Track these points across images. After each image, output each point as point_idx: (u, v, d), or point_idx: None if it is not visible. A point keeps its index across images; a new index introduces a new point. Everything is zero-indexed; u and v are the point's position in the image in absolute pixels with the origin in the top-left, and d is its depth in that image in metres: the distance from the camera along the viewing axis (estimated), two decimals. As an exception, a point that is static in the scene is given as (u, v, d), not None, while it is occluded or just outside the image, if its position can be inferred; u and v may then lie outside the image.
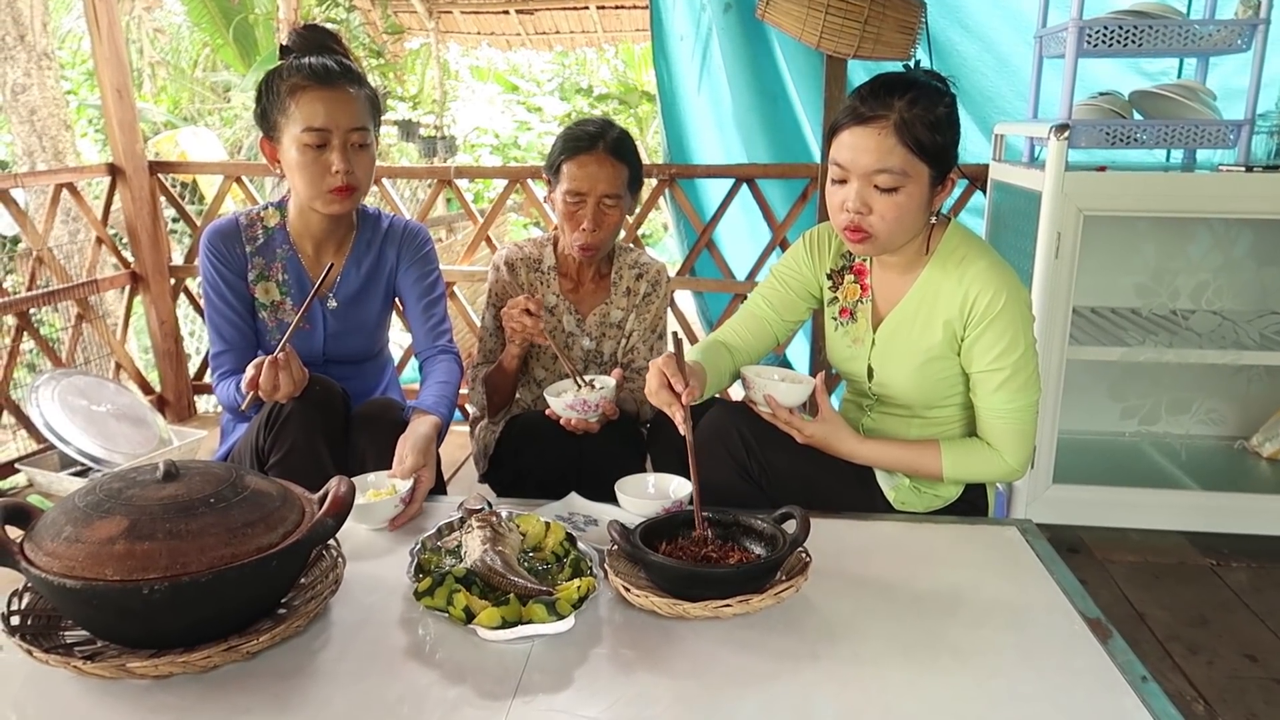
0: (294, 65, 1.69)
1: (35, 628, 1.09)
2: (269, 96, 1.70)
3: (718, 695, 1.02)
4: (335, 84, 1.68)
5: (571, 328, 2.04)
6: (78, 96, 9.02)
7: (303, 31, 1.76)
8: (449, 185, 3.32)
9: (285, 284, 1.84)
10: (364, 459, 1.67)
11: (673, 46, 3.40)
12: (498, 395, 1.99)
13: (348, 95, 1.69)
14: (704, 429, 1.62)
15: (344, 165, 1.68)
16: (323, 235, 1.84)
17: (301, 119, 1.66)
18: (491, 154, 10.93)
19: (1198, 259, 2.78)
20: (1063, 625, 1.17)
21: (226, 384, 1.78)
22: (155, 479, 1.09)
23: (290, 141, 1.68)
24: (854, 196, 1.43)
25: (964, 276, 1.49)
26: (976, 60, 3.10)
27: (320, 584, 1.19)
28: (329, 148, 1.68)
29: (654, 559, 1.18)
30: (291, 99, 1.67)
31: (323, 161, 1.68)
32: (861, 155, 1.41)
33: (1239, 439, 2.87)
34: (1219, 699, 1.76)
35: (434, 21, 7.08)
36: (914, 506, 1.61)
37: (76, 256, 3.29)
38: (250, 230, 1.83)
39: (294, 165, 1.69)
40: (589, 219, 1.89)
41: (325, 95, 1.67)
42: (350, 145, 1.70)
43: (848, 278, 1.66)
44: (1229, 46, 2.32)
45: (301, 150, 1.67)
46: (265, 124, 1.73)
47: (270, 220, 1.84)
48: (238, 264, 1.81)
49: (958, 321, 1.51)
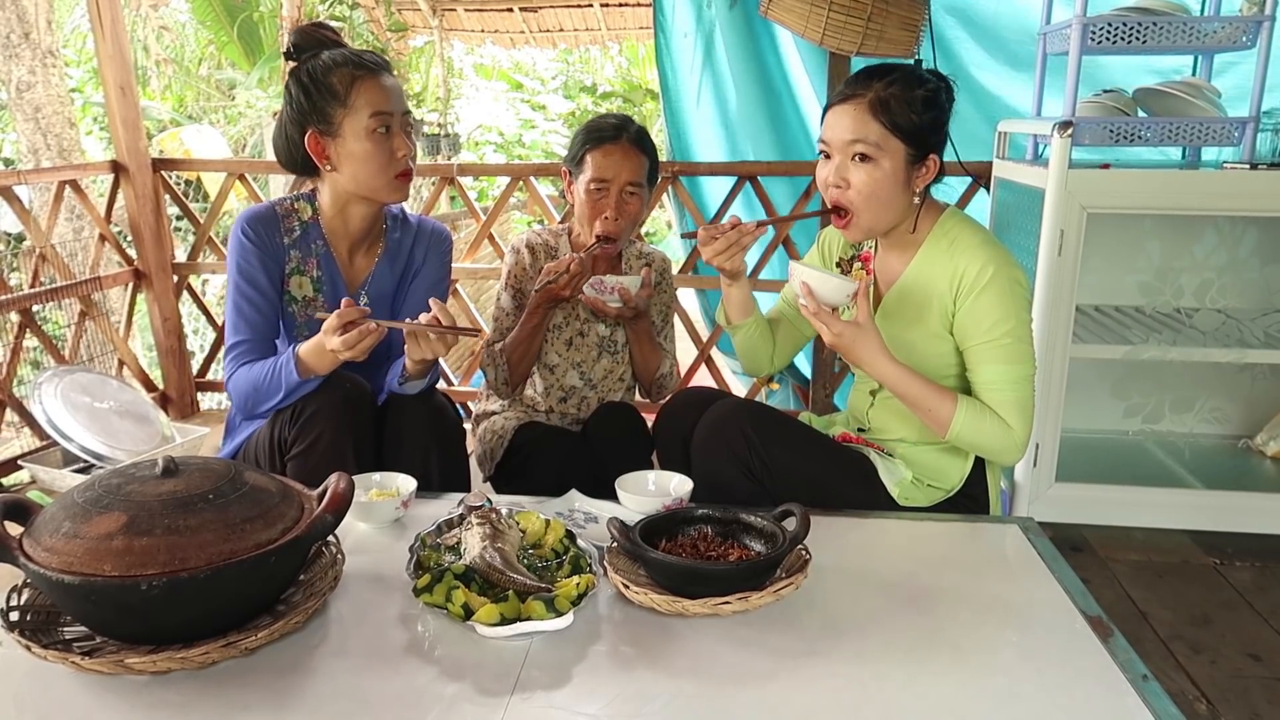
0: (338, 58, 1.70)
1: (34, 623, 1.09)
2: (319, 93, 1.68)
3: (717, 693, 1.02)
4: (384, 71, 1.72)
5: (587, 314, 2.06)
6: (82, 94, 9.04)
7: (310, 30, 1.76)
8: (452, 183, 3.32)
9: (319, 281, 1.81)
10: (404, 441, 1.71)
11: (676, 44, 3.40)
12: (524, 362, 2.00)
13: (394, 80, 1.73)
14: (705, 426, 1.62)
15: (408, 146, 1.72)
16: (359, 234, 1.82)
17: (368, 105, 1.67)
18: (495, 152, 10.93)
19: (1202, 257, 2.77)
20: (1064, 624, 1.17)
21: (246, 368, 1.72)
22: (154, 475, 1.09)
23: (356, 131, 1.68)
24: (834, 170, 1.54)
25: (954, 253, 1.53)
26: (980, 57, 3.10)
27: (319, 580, 1.19)
28: (392, 132, 1.70)
29: (653, 556, 1.18)
30: (351, 90, 1.67)
31: (389, 146, 1.70)
32: (840, 130, 1.51)
33: (1243, 438, 2.86)
34: (1221, 698, 1.76)
35: (438, 19, 7.08)
36: (917, 501, 1.60)
37: (80, 254, 3.29)
38: (287, 221, 1.79)
39: (360, 155, 1.69)
40: (612, 207, 1.92)
41: (383, 80, 1.70)
42: (406, 129, 1.73)
43: (855, 265, 1.73)
44: (1234, 44, 2.31)
45: (370, 137, 1.68)
46: (320, 120, 1.69)
47: (304, 214, 1.81)
48: (278, 252, 1.77)
49: (948, 295, 1.53)
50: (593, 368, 2.07)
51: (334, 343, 1.53)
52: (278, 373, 1.64)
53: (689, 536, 1.30)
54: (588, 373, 2.06)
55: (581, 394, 2.07)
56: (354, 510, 1.34)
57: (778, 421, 1.62)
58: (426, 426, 1.75)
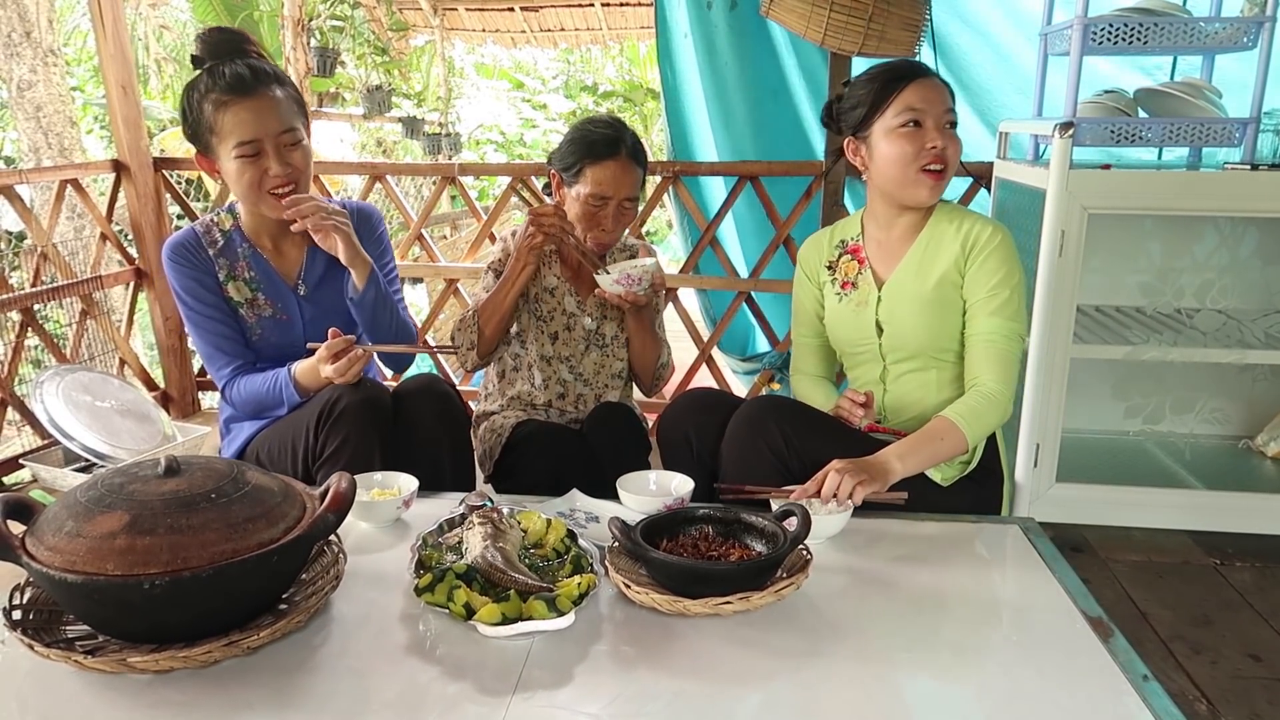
0: (210, 80, 1.69)
1: (37, 622, 1.09)
2: (194, 115, 1.71)
3: (718, 692, 1.02)
4: (256, 92, 1.69)
5: (572, 309, 2.07)
6: (83, 93, 9.04)
7: (211, 37, 1.73)
8: (453, 182, 3.32)
9: (253, 280, 1.85)
10: (416, 430, 1.74)
11: (677, 44, 3.40)
12: (492, 325, 1.96)
13: (271, 100, 1.70)
14: (740, 422, 1.67)
15: (280, 169, 1.72)
16: (278, 229, 1.86)
17: (232, 134, 1.68)
18: (496, 151, 10.93)
19: (1202, 258, 2.77)
20: (1065, 624, 1.17)
21: (244, 381, 1.80)
22: (157, 474, 1.09)
23: (226, 156, 1.71)
24: (938, 135, 1.66)
25: (962, 224, 1.72)
26: (981, 57, 3.10)
27: (321, 579, 1.19)
28: (263, 155, 1.71)
29: (655, 556, 1.18)
30: (217, 115, 1.68)
31: (260, 168, 1.71)
32: (936, 102, 1.67)
33: (1243, 438, 2.86)
34: (1222, 699, 1.76)
35: (439, 18, 7.08)
36: (950, 477, 1.68)
37: (81, 253, 3.29)
38: (208, 236, 1.84)
39: (233, 177, 1.73)
40: (610, 219, 1.96)
41: (249, 105, 1.68)
42: (282, 147, 1.72)
43: (844, 259, 1.84)
44: (1235, 44, 2.31)
45: (238, 163, 1.70)
46: (198, 142, 1.74)
47: (225, 224, 1.86)
48: (206, 265, 1.82)
49: (961, 256, 1.70)
50: (581, 361, 2.07)
51: (327, 370, 1.67)
52: (278, 391, 1.78)
53: (690, 536, 1.30)
54: (576, 366, 2.07)
55: (576, 390, 2.08)
56: (356, 509, 1.35)
57: (811, 418, 1.68)
58: (436, 418, 1.78)
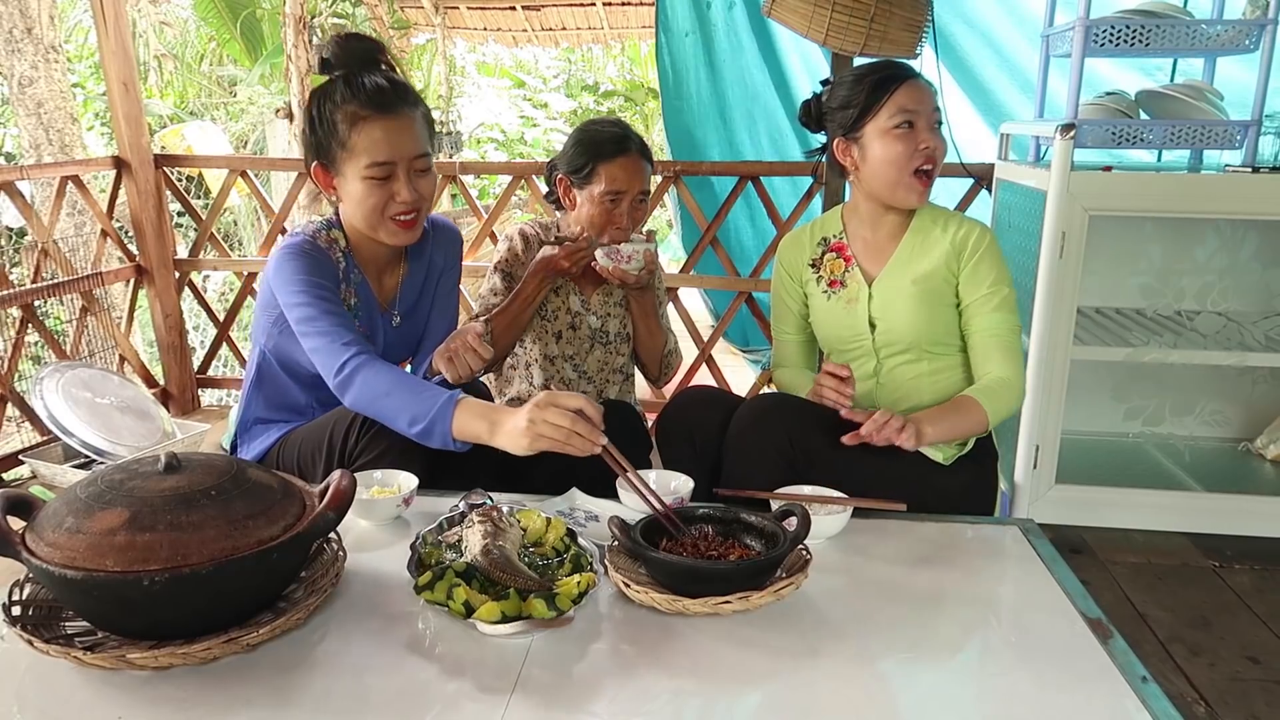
0: (348, 90, 1.56)
1: (36, 618, 1.09)
2: (323, 126, 1.57)
3: (717, 692, 1.02)
4: (396, 109, 1.56)
5: (577, 307, 2.09)
6: (84, 90, 9.04)
7: (347, 43, 1.60)
8: (455, 181, 3.32)
9: (355, 308, 1.72)
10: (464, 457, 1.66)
11: (677, 44, 3.41)
12: (508, 336, 1.98)
13: (408, 120, 1.57)
14: (744, 420, 1.68)
15: (409, 196, 1.59)
16: (384, 260, 1.76)
17: (365, 153, 1.55)
18: (497, 150, 10.93)
19: (1203, 260, 2.77)
20: (1064, 625, 1.17)
21: (381, 367, 1.50)
22: (156, 471, 1.09)
23: (353, 174, 1.58)
24: (930, 134, 1.70)
25: (948, 225, 1.77)
26: (983, 59, 3.10)
27: (321, 577, 1.19)
28: (393, 179, 1.58)
29: (654, 555, 1.18)
30: (352, 130, 1.55)
31: (387, 192, 1.58)
32: (926, 102, 1.71)
33: (1243, 441, 2.86)
34: (1220, 701, 1.76)
35: (440, 17, 7.08)
36: (951, 454, 1.73)
37: (82, 249, 3.29)
38: (331, 252, 1.68)
39: (356, 198, 1.59)
40: (626, 215, 1.99)
41: (387, 124, 1.55)
42: (414, 172, 1.60)
43: (828, 257, 1.87)
44: (1236, 46, 2.31)
45: (366, 184, 1.57)
46: (322, 155, 1.60)
47: (340, 243, 1.71)
48: (332, 270, 1.66)
49: (953, 257, 1.75)
50: (585, 359, 2.10)
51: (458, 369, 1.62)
52: (430, 406, 1.42)
53: (690, 536, 1.30)
54: (581, 364, 2.09)
55: (579, 388, 2.09)
56: (355, 507, 1.34)
57: (814, 413, 1.69)
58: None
